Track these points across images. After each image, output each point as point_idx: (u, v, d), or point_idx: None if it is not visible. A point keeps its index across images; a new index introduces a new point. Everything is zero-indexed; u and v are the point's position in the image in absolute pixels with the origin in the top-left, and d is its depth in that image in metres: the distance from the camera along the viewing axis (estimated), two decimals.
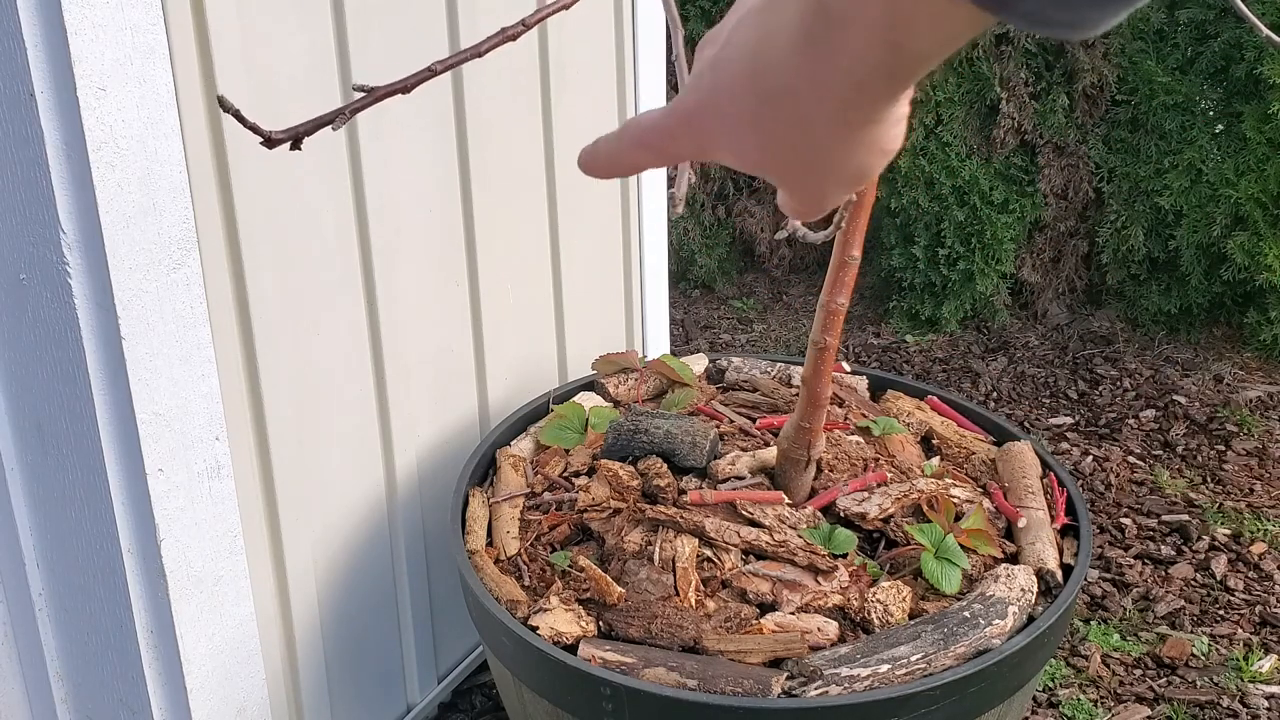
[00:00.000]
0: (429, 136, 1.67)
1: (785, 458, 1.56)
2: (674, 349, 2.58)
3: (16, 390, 1.29)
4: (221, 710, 1.43)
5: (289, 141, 0.68)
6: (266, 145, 0.67)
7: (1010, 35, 3.16)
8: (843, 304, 1.49)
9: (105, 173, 1.15)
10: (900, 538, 1.50)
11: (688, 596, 1.40)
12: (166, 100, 1.20)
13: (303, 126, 0.68)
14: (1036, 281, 3.47)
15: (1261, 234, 2.95)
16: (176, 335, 1.27)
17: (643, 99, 2.12)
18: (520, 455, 1.70)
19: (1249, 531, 2.50)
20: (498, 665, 1.48)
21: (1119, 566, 2.40)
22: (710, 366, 1.97)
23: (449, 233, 1.75)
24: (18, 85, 1.11)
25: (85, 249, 1.17)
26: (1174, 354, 3.26)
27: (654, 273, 2.28)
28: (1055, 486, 1.61)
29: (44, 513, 1.35)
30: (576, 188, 2.01)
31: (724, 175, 3.81)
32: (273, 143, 0.67)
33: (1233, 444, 2.83)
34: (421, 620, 1.84)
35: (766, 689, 1.26)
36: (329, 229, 1.53)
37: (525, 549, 1.53)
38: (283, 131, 0.68)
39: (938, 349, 3.40)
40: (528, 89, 1.86)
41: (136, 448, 1.26)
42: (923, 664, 1.29)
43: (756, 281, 3.93)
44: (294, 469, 1.53)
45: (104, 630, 1.37)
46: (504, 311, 1.89)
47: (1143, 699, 2.05)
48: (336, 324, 1.57)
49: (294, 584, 1.57)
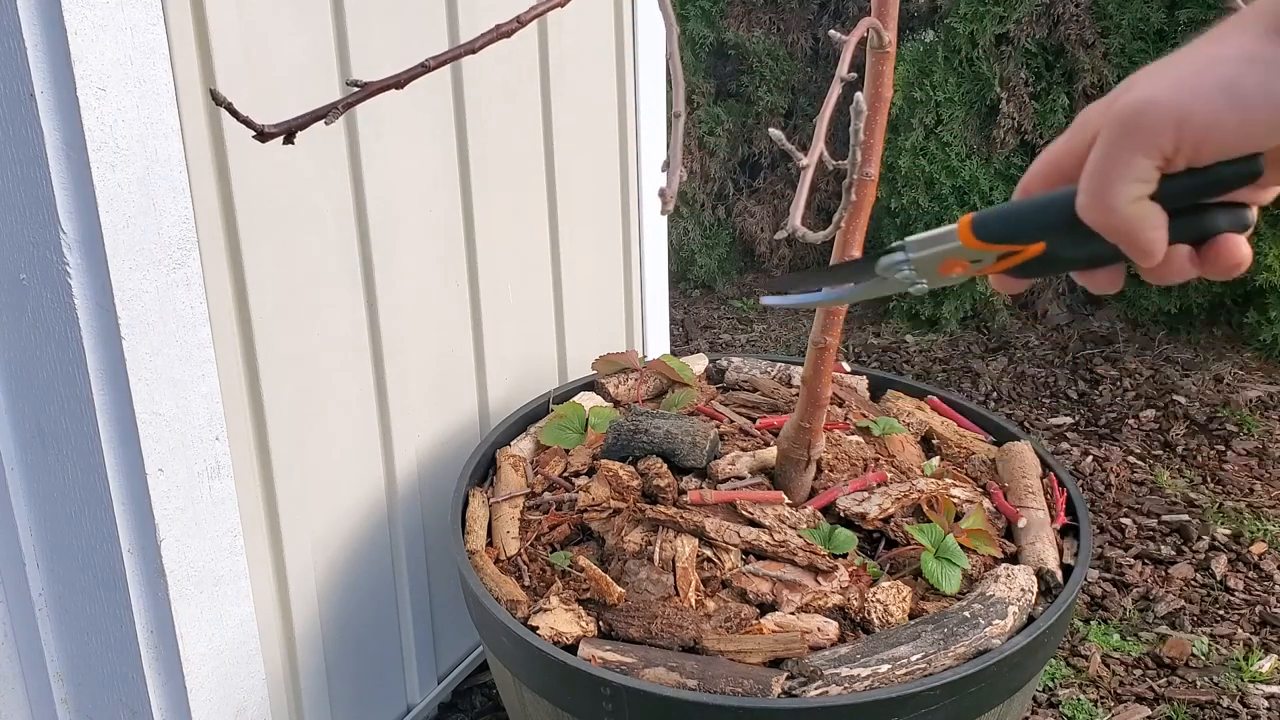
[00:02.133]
0: (429, 137, 1.67)
1: (785, 458, 1.56)
2: (674, 349, 2.58)
3: (16, 390, 1.29)
4: (221, 710, 1.43)
5: (282, 135, 0.69)
6: (260, 139, 0.67)
7: (1010, 35, 3.16)
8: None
9: (105, 173, 1.15)
10: (900, 538, 1.50)
11: (688, 596, 1.40)
12: (166, 100, 1.20)
13: (296, 120, 0.69)
14: (1036, 281, 3.47)
15: (1261, 234, 2.95)
16: (176, 335, 1.27)
17: (642, 99, 2.12)
18: (520, 455, 1.70)
19: (1249, 531, 2.50)
20: (498, 665, 1.48)
21: (1119, 566, 2.40)
22: (710, 366, 1.97)
23: (449, 232, 1.75)
24: (18, 85, 1.11)
25: (85, 249, 1.17)
26: (1174, 354, 3.26)
27: (654, 273, 2.28)
28: (1055, 486, 1.61)
29: (44, 513, 1.35)
30: (576, 188, 2.01)
31: (724, 175, 3.81)
32: (266, 136, 0.67)
33: (1233, 444, 2.83)
34: (421, 620, 1.84)
35: (766, 689, 1.26)
36: (329, 229, 1.53)
37: (525, 549, 1.53)
38: (276, 125, 0.68)
39: (938, 349, 3.40)
40: (528, 89, 1.86)
41: (136, 448, 1.26)
42: (923, 664, 1.29)
43: (756, 281, 3.93)
44: (294, 469, 1.53)
45: (104, 630, 1.37)
46: (504, 311, 1.89)
47: (1143, 699, 2.05)
48: (337, 324, 1.57)
49: (294, 584, 1.57)
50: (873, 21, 1.28)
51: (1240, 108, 0.51)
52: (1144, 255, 0.57)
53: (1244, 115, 0.51)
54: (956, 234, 0.61)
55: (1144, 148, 0.53)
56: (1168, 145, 0.53)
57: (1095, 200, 0.56)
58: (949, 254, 0.62)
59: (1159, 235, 0.56)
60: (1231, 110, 0.52)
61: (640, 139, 2.14)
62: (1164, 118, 0.53)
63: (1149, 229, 0.56)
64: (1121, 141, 0.54)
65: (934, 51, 3.28)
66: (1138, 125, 0.53)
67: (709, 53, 3.73)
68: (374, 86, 0.74)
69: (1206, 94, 0.52)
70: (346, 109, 0.72)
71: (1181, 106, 0.52)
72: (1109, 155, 0.55)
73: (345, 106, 0.72)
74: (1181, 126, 0.53)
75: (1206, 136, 0.53)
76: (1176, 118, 0.52)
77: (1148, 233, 0.56)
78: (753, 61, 3.66)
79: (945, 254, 0.62)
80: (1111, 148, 0.54)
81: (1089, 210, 0.56)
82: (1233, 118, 0.52)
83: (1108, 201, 0.55)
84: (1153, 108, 0.53)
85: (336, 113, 0.70)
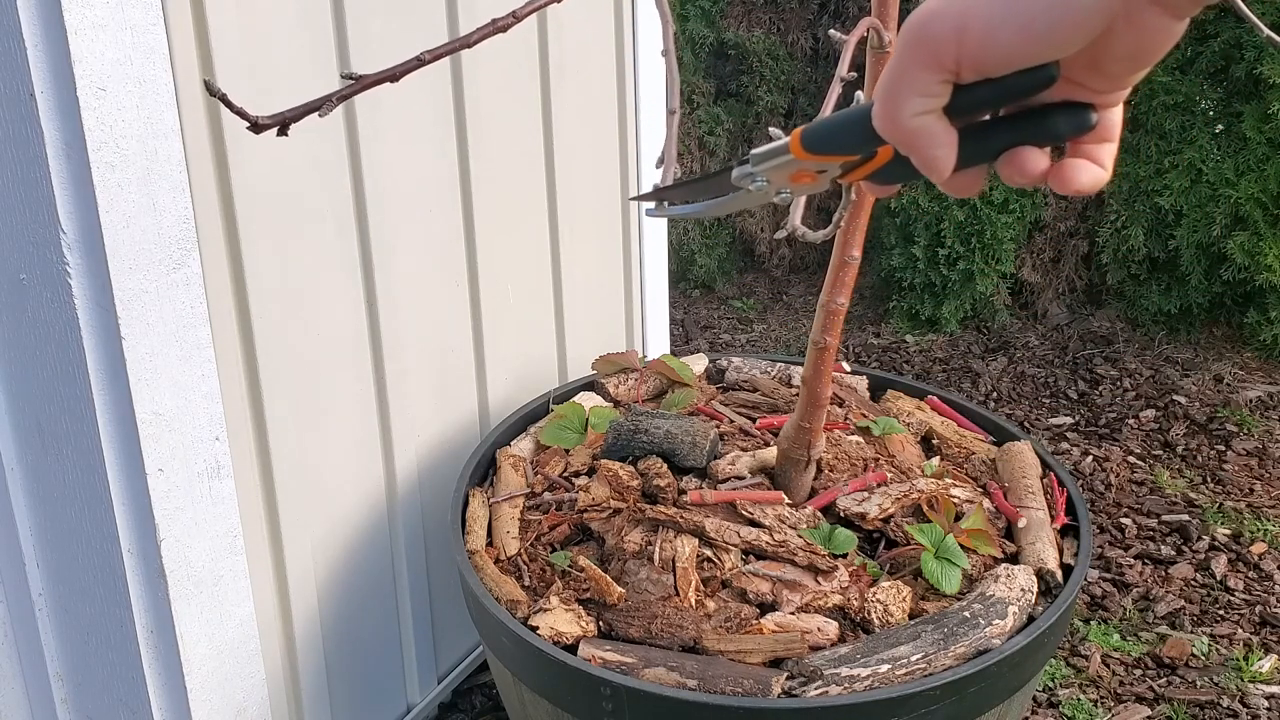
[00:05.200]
0: (429, 136, 1.67)
1: (785, 458, 1.56)
2: (674, 349, 2.58)
3: (16, 390, 1.29)
4: (221, 710, 1.43)
5: (276, 127, 0.69)
6: (254, 130, 0.67)
7: None
8: (843, 304, 1.49)
9: (105, 173, 1.15)
10: (900, 538, 1.50)
11: (688, 596, 1.40)
12: (166, 100, 1.20)
13: (290, 112, 0.69)
14: (1036, 281, 3.47)
15: (1261, 234, 2.95)
16: (176, 335, 1.27)
17: (642, 99, 2.12)
18: (520, 455, 1.70)
19: (1249, 531, 2.50)
20: (498, 665, 1.48)
21: (1119, 566, 2.40)
22: (710, 366, 1.97)
23: (449, 232, 1.75)
24: (18, 85, 1.11)
25: (85, 249, 1.17)
26: (1174, 354, 3.26)
27: (654, 273, 2.28)
28: (1055, 486, 1.61)
29: (44, 513, 1.35)
30: (576, 187, 2.01)
31: None
32: (260, 128, 0.67)
33: (1233, 444, 2.83)
34: (421, 620, 1.84)
35: (766, 689, 1.26)
36: (329, 229, 1.53)
37: (525, 549, 1.53)
38: (270, 117, 0.68)
39: (938, 349, 3.40)
40: (527, 89, 1.86)
41: (136, 448, 1.26)
42: (923, 664, 1.29)
43: (756, 281, 3.93)
44: (294, 469, 1.53)
45: (104, 630, 1.37)
46: (504, 311, 1.89)
47: (1143, 699, 2.05)
48: (337, 324, 1.57)
49: (294, 584, 1.57)
50: (873, 21, 1.28)
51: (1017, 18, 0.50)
52: (931, 170, 0.56)
53: (1021, 25, 0.50)
54: (789, 147, 0.63)
55: (926, 62, 0.53)
56: (948, 59, 0.52)
57: (882, 115, 0.55)
58: (790, 165, 0.64)
59: (945, 153, 0.55)
60: (1009, 21, 0.50)
61: (640, 138, 2.14)
62: (945, 31, 0.52)
63: (935, 145, 0.55)
64: (906, 55, 0.53)
65: None
66: (919, 39, 0.53)
67: (709, 52, 3.73)
68: (368, 79, 0.74)
69: (986, 4, 0.50)
70: (341, 101, 0.72)
71: (962, 18, 0.51)
72: (895, 69, 0.54)
73: (340, 99, 0.72)
74: (962, 39, 0.51)
75: (987, 49, 0.51)
76: (956, 30, 0.51)
77: (933, 150, 0.55)
78: (753, 61, 3.66)
79: (787, 165, 0.64)
80: (898, 62, 0.54)
81: (879, 124, 0.56)
82: (1010, 28, 0.50)
83: (894, 116, 0.55)
84: (934, 21, 0.52)
85: (331, 105, 0.70)
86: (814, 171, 0.64)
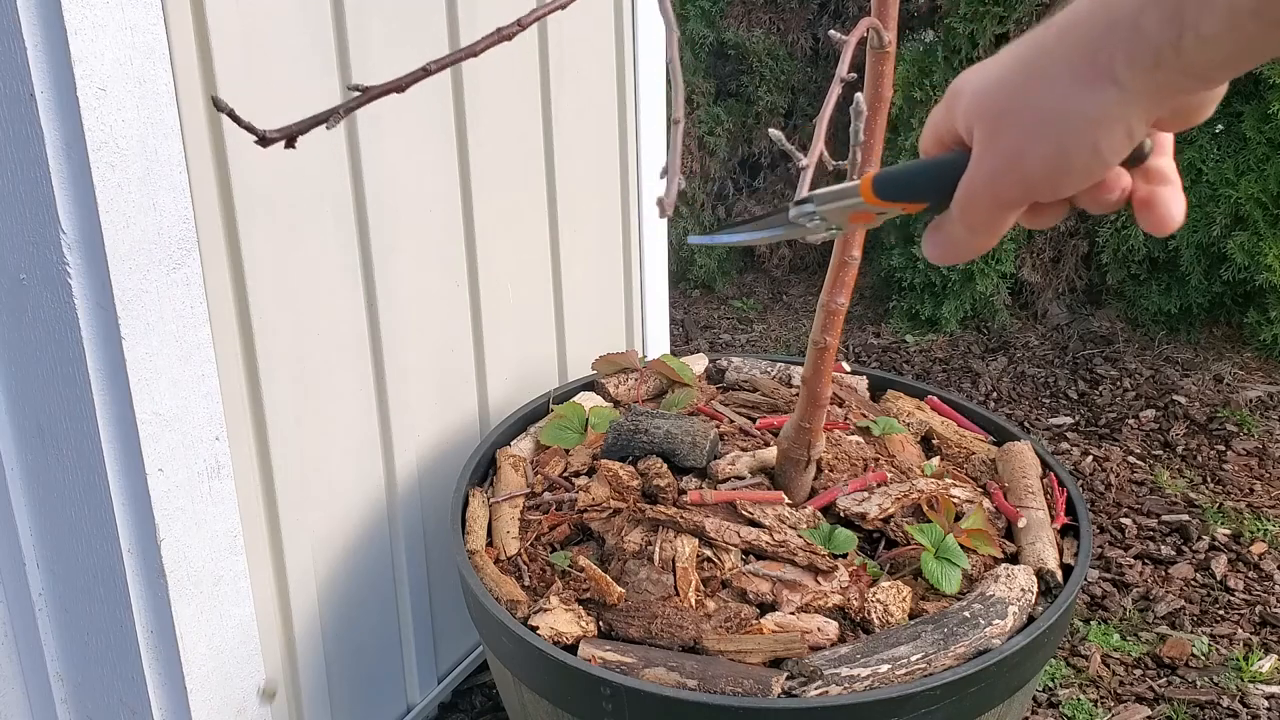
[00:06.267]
0: (429, 137, 1.67)
1: (785, 458, 1.56)
2: (674, 349, 2.58)
3: (16, 390, 1.29)
4: (221, 710, 1.43)
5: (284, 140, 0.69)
6: (261, 144, 0.67)
7: (1010, 35, 3.16)
8: (843, 304, 1.49)
9: (105, 173, 1.15)
10: (900, 538, 1.50)
11: (688, 596, 1.40)
12: (166, 100, 1.20)
13: (297, 125, 0.69)
14: (1036, 281, 3.47)
15: (1261, 234, 2.95)
16: (176, 335, 1.27)
17: (642, 100, 2.12)
18: (520, 455, 1.70)
19: (1249, 531, 2.50)
20: (498, 665, 1.48)
21: (1119, 566, 2.40)
22: (710, 366, 1.97)
23: (449, 232, 1.75)
24: (18, 85, 1.11)
25: (85, 249, 1.17)
26: (1174, 354, 3.26)
27: (654, 273, 2.28)
28: (1055, 486, 1.61)
29: (44, 513, 1.35)
30: (576, 187, 2.01)
31: (724, 175, 3.81)
32: (267, 141, 0.67)
33: (1233, 444, 2.83)
34: (421, 620, 1.84)
35: (766, 689, 1.26)
36: (330, 229, 1.53)
37: (525, 549, 1.53)
38: (277, 130, 0.68)
39: (938, 349, 3.40)
40: (528, 90, 1.86)
41: (136, 448, 1.26)
42: (923, 664, 1.29)
43: (756, 281, 3.94)
44: (294, 469, 1.53)
45: (104, 630, 1.37)
46: (504, 311, 1.89)
47: (1143, 699, 2.05)
48: (337, 324, 1.57)
49: (294, 584, 1.57)
50: (873, 21, 1.28)
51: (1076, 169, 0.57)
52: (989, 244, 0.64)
53: (1082, 174, 0.57)
54: (859, 191, 0.67)
55: (1004, 208, 0.60)
56: (1021, 201, 0.60)
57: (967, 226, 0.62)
58: (854, 208, 0.68)
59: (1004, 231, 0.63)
60: (1067, 172, 0.57)
61: (640, 138, 2.14)
62: (1014, 187, 0.59)
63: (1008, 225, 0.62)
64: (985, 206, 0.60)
65: (934, 51, 3.28)
66: (994, 194, 0.60)
67: (709, 53, 3.73)
68: (375, 91, 0.74)
69: (1043, 159, 0.57)
70: (348, 113, 0.72)
71: (1026, 176, 0.58)
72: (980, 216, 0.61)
73: (346, 111, 0.72)
74: (1029, 190, 0.59)
75: (1055, 191, 0.58)
76: (1024, 187, 0.58)
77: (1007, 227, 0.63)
78: (753, 61, 3.66)
79: (851, 208, 0.68)
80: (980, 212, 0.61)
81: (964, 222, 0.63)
82: (1071, 177, 0.57)
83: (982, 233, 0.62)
84: (1002, 178, 0.59)
85: (338, 117, 0.70)
86: (874, 214, 0.68)
